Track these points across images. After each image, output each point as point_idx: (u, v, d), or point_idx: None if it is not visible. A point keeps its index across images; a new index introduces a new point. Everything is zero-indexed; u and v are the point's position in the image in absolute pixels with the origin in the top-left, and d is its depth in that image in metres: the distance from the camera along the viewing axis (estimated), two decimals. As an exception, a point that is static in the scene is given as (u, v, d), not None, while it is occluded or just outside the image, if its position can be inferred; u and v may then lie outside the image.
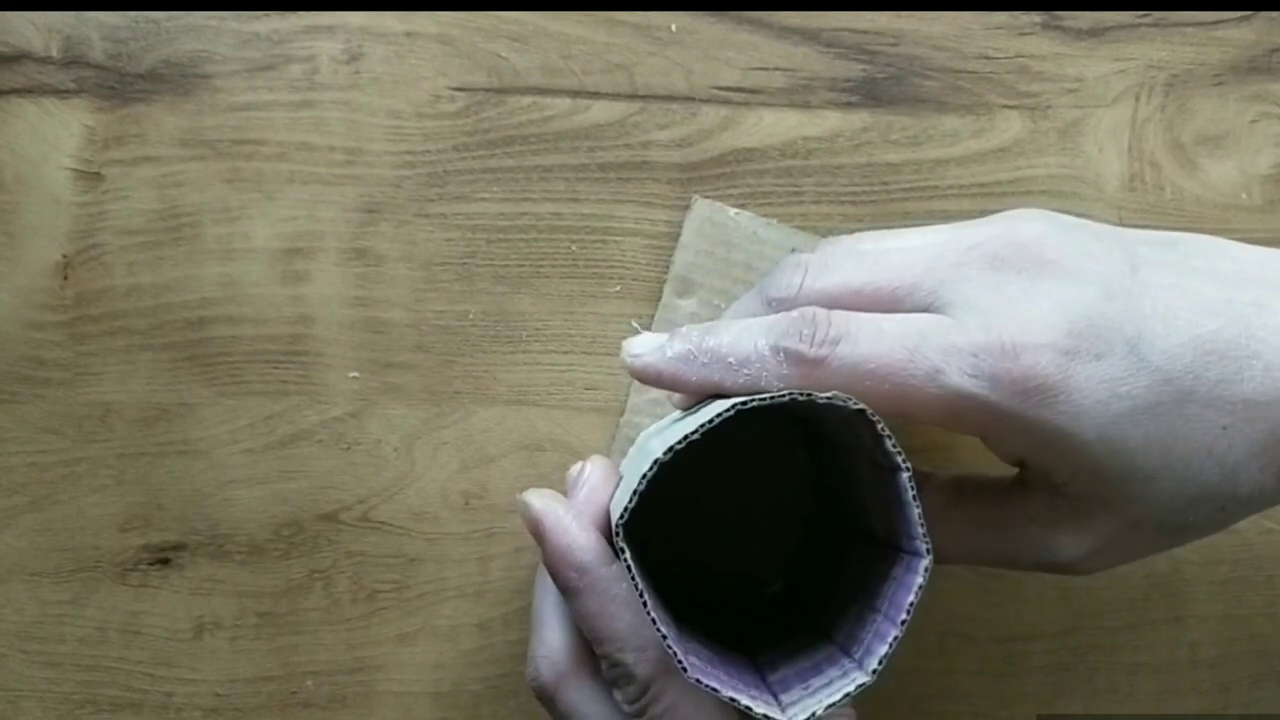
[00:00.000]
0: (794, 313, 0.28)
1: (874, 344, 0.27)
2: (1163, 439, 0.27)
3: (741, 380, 0.28)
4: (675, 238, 0.37)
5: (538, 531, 0.30)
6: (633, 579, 0.26)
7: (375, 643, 0.37)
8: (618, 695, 0.30)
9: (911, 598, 0.26)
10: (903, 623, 0.26)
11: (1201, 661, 0.39)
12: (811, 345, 0.27)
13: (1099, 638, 0.38)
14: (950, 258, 0.29)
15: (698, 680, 0.25)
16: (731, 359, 0.28)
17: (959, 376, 0.27)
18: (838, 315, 0.28)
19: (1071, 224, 0.29)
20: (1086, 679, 0.38)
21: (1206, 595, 0.38)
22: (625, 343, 0.30)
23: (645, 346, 0.30)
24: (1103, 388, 0.27)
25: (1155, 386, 0.27)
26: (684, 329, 0.29)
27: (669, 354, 0.29)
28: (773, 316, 0.29)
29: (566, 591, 0.30)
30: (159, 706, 0.37)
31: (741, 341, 0.28)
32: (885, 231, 0.31)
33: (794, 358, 0.27)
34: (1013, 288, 0.28)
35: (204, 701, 0.37)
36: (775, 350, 0.27)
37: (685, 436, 0.26)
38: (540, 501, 0.31)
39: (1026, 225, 0.29)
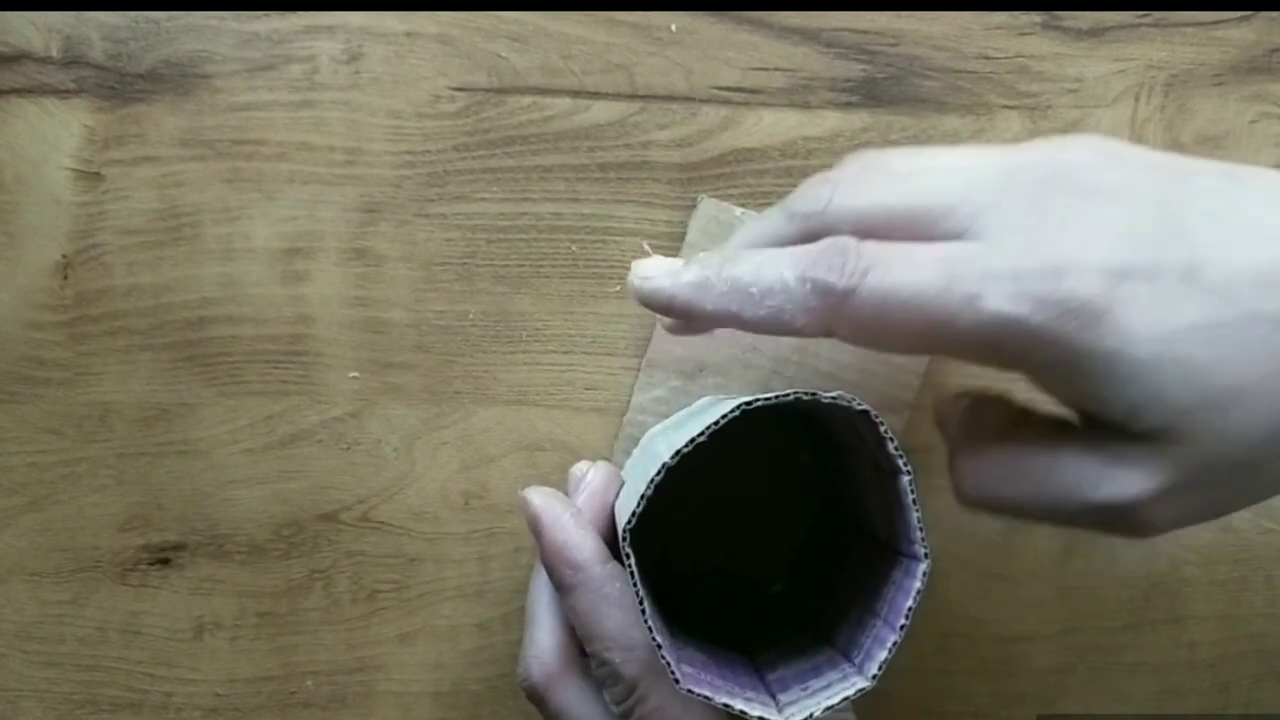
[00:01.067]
0: (823, 242, 0.26)
1: (906, 272, 0.25)
2: (1232, 359, 0.24)
3: (763, 312, 0.26)
4: (675, 238, 0.37)
5: (536, 527, 0.30)
6: (634, 585, 0.26)
7: (375, 643, 0.37)
8: (606, 695, 0.30)
9: (910, 603, 0.26)
10: (901, 628, 0.26)
11: (1201, 661, 0.39)
12: (841, 275, 0.25)
13: (1099, 638, 0.38)
14: (991, 180, 0.26)
15: (689, 690, 0.25)
16: (754, 289, 0.26)
17: (998, 300, 0.25)
18: (868, 245, 0.26)
19: (1124, 150, 0.27)
20: (1086, 679, 0.38)
21: (1206, 595, 0.38)
22: (635, 264, 0.28)
23: (657, 269, 0.28)
24: (1155, 306, 0.24)
25: (1215, 307, 0.24)
26: (701, 255, 0.28)
27: (684, 279, 0.27)
28: (799, 247, 0.27)
29: (561, 587, 0.30)
30: (159, 706, 0.37)
31: (765, 270, 0.27)
32: (918, 149, 0.29)
33: (822, 289, 0.26)
34: (1057, 211, 0.25)
35: (204, 701, 0.37)
36: (802, 280, 0.26)
37: (691, 439, 0.25)
38: (540, 498, 0.31)
39: (1076, 150, 0.27)
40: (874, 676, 0.26)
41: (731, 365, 0.36)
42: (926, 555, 0.26)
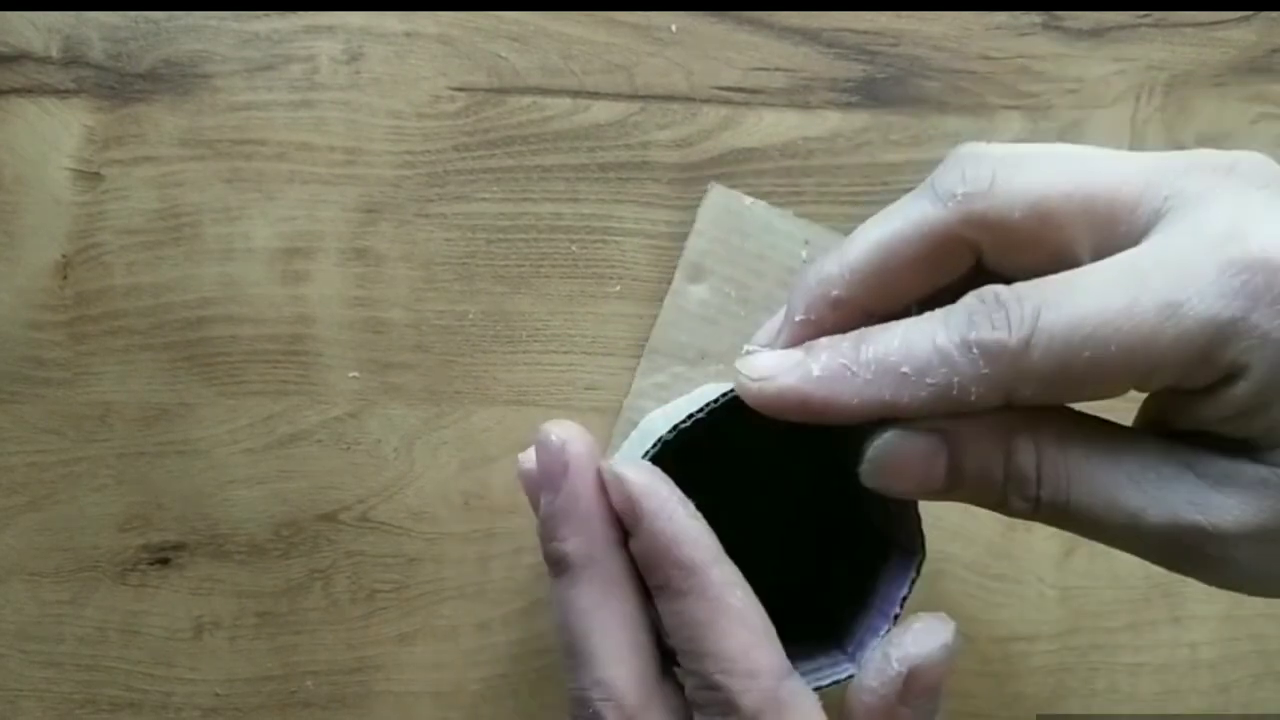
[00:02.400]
0: (967, 298, 0.23)
1: (1083, 299, 0.22)
2: None
3: (924, 394, 0.23)
4: (676, 238, 0.37)
5: (634, 515, 0.25)
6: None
7: (375, 643, 0.37)
8: None
9: (904, 593, 0.26)
10: (895, 616, 0.26)
11: (1201, 661, 0.39)
12: (1010, 329, 0.22)
13: (1099, 638, 0.38)
14: (1173, 166, 0.23)
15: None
16: (906, 368, 0.23)
17: (1205, 303, 0.21)
18: (1022, 287, 0.22)
19: None
20: (1086, 679, 0.38)
21: (1206, 595, 0.38)
22: (741, 364, 0.24)
23: (776, 366, 0.24)
24: None
25: None
26: (823, 341, 0.24)
27: (815, 371, 0.23)
28: (943, 310, 0.23)
29: (665, 591, 0.25)
30: (159, 706, 0.37)
31: (914, 343, 0.23)
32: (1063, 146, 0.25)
33: (992, 351, 0.22)
34: (1251, 200, 0.22)
35: (204, 701, 0.37)
36: (965, 346, 0.22)
37: (691, 415, 0.26)
38: (639, 476, 0.25)
39: (1243, 152, 0.24)
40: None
41: (734, 353, 0.36)
42: (922, 546, 0.26)
